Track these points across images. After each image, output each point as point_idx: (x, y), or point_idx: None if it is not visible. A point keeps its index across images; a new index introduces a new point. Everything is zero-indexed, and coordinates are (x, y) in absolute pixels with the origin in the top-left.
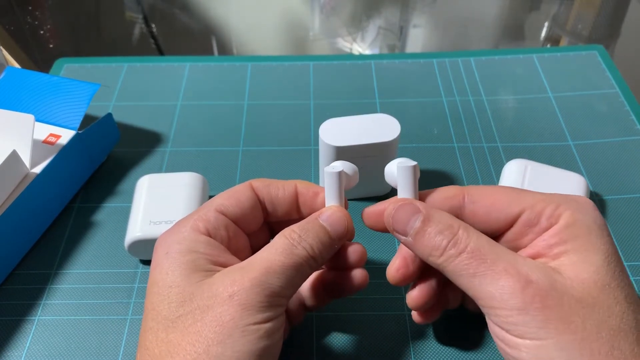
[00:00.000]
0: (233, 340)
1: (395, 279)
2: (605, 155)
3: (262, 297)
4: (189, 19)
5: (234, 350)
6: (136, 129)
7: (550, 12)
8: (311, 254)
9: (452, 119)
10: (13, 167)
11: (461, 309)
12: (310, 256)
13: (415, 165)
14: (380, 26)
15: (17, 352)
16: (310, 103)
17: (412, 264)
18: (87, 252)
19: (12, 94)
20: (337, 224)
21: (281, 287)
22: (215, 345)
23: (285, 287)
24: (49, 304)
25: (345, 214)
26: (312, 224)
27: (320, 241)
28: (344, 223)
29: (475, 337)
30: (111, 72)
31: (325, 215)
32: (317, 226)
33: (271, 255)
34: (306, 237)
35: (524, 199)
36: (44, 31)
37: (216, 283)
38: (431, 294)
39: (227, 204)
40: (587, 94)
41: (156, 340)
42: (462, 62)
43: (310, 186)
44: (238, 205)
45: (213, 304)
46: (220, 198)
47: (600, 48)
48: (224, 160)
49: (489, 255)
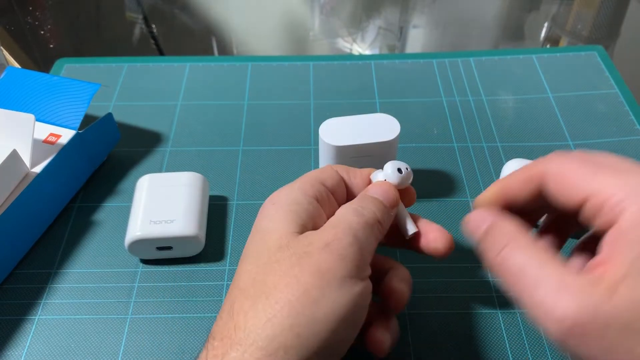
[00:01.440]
0: (331, 289)
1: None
2: None
3: (355, 249)
4: (189, 19)
5: (331, 299)
6: (136, 129)
7: (549, 13)
8: (374, 216)
9: (452, 119)
10: (13, 167)
11: (462, 308)
12: (374, 218)
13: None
14: (380, 26)
15: (18, 351)
16: (310, 103)
17: None
18: (87, 252)
19: (12, 93)
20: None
21: (366, 243)
22: (313, 290)
23: (368, 243)
24: (49, 303)
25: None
26: (363, 197)
27: (377, 206)
28: (390, 190)
29: (475, 337)
30: (111, 72)
31: (372, 190)
32: (369, 197)
33: (348, 216)
34: (365, 204)
35: (593, 181)
36: (44, 31)
37: (311, 234)
38: None
39: (324, 177)
40: (587, 94)
41: (252, 282)
42: (462, 62)
43: None
44: (332, 179)
45: (311, 251)
46: (316, 172)
47: (599, 48)
48: (224, 160)
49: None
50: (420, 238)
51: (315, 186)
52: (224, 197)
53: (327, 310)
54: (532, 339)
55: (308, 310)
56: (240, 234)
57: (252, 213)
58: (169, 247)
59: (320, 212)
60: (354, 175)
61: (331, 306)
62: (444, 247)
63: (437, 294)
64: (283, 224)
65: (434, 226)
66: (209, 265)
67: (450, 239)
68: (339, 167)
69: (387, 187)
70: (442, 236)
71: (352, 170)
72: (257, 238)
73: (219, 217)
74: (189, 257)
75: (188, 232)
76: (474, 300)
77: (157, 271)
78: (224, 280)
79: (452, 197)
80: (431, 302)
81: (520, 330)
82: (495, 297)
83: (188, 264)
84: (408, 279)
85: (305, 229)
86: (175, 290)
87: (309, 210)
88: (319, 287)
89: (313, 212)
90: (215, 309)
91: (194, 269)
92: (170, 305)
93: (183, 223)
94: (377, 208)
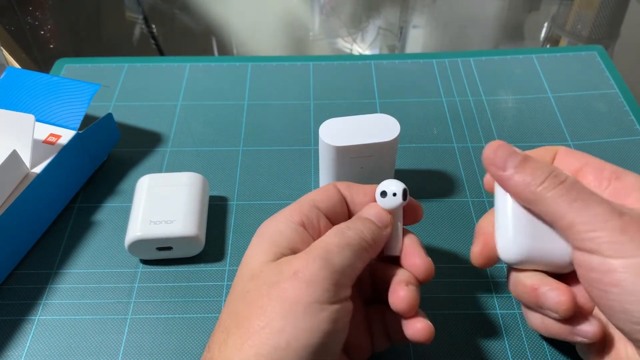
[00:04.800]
0: (295, 316)
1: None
2: (605, 155)
3: (325, 274)
4: (189, 19)
5: (296, 326)
6: (136, 129)
7: (549, 13)
8: (360, 235)
9: (452, 119)
10: (13, 167)
11: (461, 308)
12: (360, 237)
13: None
14: (380, 26)
15: (17, 351)
16: (310, 103)
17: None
18: (87, 252)
19: (12, 94)
20: (377, 214)
21: (342, 265)
22: (277, 320)
23: (346, 265)
24: (49, 303)
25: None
26: (355, 218)
27: (366, 226)
28: (383, 212)
29: (475, 337)
30: (111, 72)
31: (366, 211)
32: (361, 218)
33: (327, 238)
34: (353, 225)
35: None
36: (44, 31)
37: (283, 262)
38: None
39: (319, 198)
40: (587, 94)
41: (228, 312)
42: (462, 63)
43: None
44: (329, 200)
45: (279, 280)
46: (313, 194)
47: (599, 48)
48: (224, 160)
49: (585, 188)
50: (401, 261)
51: (305, 211)
52: (224, 197)
53: (290, 339)
54: (532, 339)
55: (272, 340)
56: (240, 234)
57: (252, 213)
58: (169, 247)
59: (304, 237)
60: (357, 192)
61: (295, 334)
62: (420, 276)
63: (437, 294)
64: (259, 254)
65: (417, 251)
66: (209, 266)
67: (430, 269)
68: (342, 184)
69: (378, 210)
70: (422, 264)
71: (356, 188)
72: (239, 269)
73: (219, 217)
74: (189, 257)
75: (188, 232)
76: (474, 300)
77: (157, 271)
78: (223, 281)
79: (452, 197)
80: (431, 302)
81: (520, 330)
82: (495, 297)
83: (188, 264)
84: (412, 281)
85: (282, 256)
86: (175, 290)
87: (290, 238)
88: (283, 316)
89: (295, 238)
90: (215, 309)
91: (194, 269)
92: (170, 306)
93: (183, 223)
94: (365, 227)
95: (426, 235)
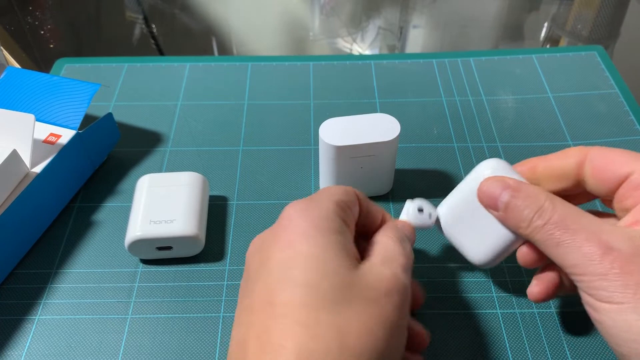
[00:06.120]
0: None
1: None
2: None
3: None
4: (189, 19)
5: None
6: (136, 129)
7: (549, 13)
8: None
9: (452, 119)
10: (13, 167)
11: (459, 307)
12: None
13: None
14: (380, 26)
15: (17, 351)
16: (310, 103)
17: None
18: (87, 252)
19: (12, 93)
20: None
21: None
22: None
23: None
24: (49, 303)
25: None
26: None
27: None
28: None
29: (475, 337)
30: (111, 72)
31: (400, 224)
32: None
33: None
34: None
35: (635, 163)
36: (44, 31)
37: (369, 273)
38: (550, 289)
39: (348, 199)
40: (587, 94)
41: (317, 321)
42: (462, 62)
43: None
44: (353, 202)
45: (376, 297)
46: (339, 193)
47: (599, 48)
48: (224, 160)
49: (572, 225)
50: None
51: (345, 209)
52: (224, 197)
53: None
54: (532, 339)
55: None
56: (240, 234)
57: (252, 213)
58: (169, 247)
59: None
60: (370, 203)
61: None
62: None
63: (437, 294)
64: (338, 260)
65: None
66: (209, 265)
67: (421, 298)
68: (361, 194)
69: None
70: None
71: (371, 203)
72: (314, 267)
73: (219, 217)
74: (189, 257)
75: (188, 232)
76: (474, 300)
77: (157, 271)
78: (223, 280)
79: None
80: (431, 302)
81: (520, 330)
82: (495, 297)
83: (188, 264)
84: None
85: (354, 257)
86: (175, 290)
87: (349, 239)
88: (387, 340)
89: (351, 239)
90: (216, 309)
91: (194, 269)
92: (170, 305)
93: (183, 223)
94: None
95: (426, 235)
